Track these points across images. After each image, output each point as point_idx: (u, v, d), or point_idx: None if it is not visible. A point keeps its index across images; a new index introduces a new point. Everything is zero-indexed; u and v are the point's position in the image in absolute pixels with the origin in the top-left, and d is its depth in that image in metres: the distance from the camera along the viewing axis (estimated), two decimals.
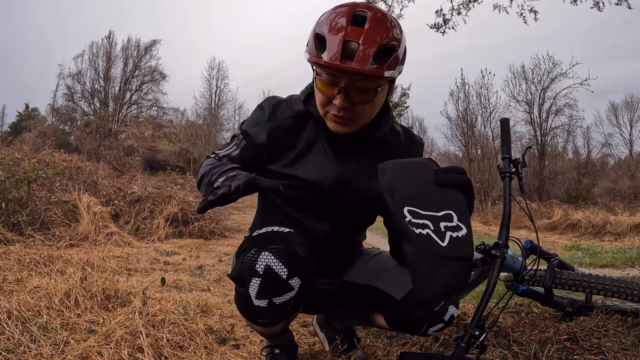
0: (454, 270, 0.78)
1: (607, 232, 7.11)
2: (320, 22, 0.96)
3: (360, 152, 1.09)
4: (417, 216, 0.80)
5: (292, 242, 0.91)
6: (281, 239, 0.92)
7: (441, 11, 5.15)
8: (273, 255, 0.88)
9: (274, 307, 0.91)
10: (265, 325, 1.01)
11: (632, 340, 1.38)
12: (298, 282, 0.90)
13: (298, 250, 0.91)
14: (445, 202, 0.84)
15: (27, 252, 2.81)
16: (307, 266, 0.92)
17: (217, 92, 22.45)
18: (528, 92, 17.47)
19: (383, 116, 1.08)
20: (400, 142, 1.14)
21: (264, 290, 0.89)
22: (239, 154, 1.10)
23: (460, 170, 0.89)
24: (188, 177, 10.32)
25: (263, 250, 0.88)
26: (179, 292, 2.36)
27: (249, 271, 0.89)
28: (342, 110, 0.95)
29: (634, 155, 21.58)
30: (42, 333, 1.38)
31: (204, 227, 5.29)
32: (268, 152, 1.08)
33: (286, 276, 0.88)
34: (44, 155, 5.58)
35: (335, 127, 1.01)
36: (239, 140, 1.11)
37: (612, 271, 3.74)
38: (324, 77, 0.94)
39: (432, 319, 1.02)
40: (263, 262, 0.87)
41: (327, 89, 0.95)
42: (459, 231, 0.79)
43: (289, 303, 0.92)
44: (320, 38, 0.93)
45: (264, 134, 1.07)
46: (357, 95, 0.94)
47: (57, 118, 22.70)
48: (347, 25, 0.90)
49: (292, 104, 1.09)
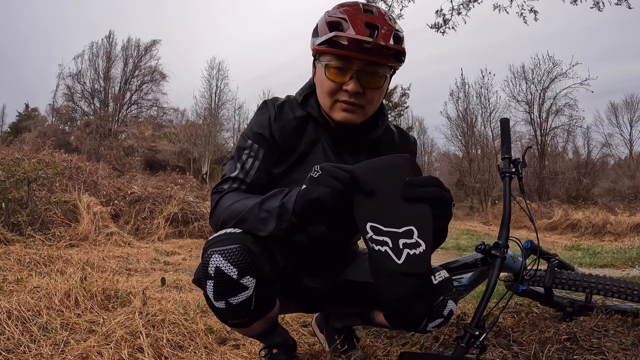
0: (410, 283, 0.80)
1: (607, 232, 7.11)
2: (330, 13, 0.99)
3: (358, 151, 1.09)
4: (378, 233, 0.82)
5: (244, 241, 0.90)
6: (233, 239, 0.90)
7: (441, 11, 5.15)
8: (222, 256, 0.88)
9: (232, 307, 0.91)
10: (237, 327, 1.00)
11: (632, 340, 1.38)
12: (252, 281, 0.90)
13: (250, 249, 0.90)
14: (409, 216, 0.84)
15: (27, 252, 2.81)
16: (260, 264, 0.91)
17: (217, 92, 22.49)
18: (528, 92, 17.53)
19: (379, 115, 1.10)
20: (395, 141, 1.16)
21: (217, 291, 0.90)
22: (261, 165, 1.04)
23: (433, 182, 0.86)
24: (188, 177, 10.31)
25: (214, 252, 0.89)
26: (179, 292, 2.37)
27: (204, 274, 0.90)
28: (353, 95, 0.97)
29: (634, 155, 21.61)
30: (42, 333, 1.38)
31: (204, 227, 5.29)
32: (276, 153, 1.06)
33: (237, 276, 0.88)
34: (44, 155, 5.57)
35: (344, 116, 1.00)
36: (252, 150, 1.04)
37: (612, 271, 3.74)
38: (336, 62, 0.95)
39: (431, 314, 1.01)
40: (214, 264, 0.88)
41: (338, 75, 0.96)
42: (417, 248, 0.81)
43: (248, 302, 0.92)
44: (335, 24, 0.95)
45: (274, 133, 1.04)
46: (368, 80, 0.96)
47: (57, 118, 22.73)
48: (362, 13, 0.96)
49: (292, 106, 1.08)
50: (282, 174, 1.06)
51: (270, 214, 0.88)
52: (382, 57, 0.94)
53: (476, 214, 13.87)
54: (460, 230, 9.20)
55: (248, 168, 1.03)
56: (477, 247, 1.30)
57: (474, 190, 17.92)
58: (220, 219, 0.97)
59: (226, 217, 0.96)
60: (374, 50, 0.92)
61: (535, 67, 17.33)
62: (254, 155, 1.04)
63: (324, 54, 0.98)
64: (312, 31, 1.04)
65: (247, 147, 1.05)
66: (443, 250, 5.58)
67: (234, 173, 1.03)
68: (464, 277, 1.80)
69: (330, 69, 0.96)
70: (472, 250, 1.67)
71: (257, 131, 1.05)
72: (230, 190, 1.02)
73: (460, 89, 18.93)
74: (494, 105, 18.19)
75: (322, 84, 1.00)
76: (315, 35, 1.01)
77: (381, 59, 0.94)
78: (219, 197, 1.01)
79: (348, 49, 0.92)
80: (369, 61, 0.94)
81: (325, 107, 1.02)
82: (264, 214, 0.89)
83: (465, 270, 1.67)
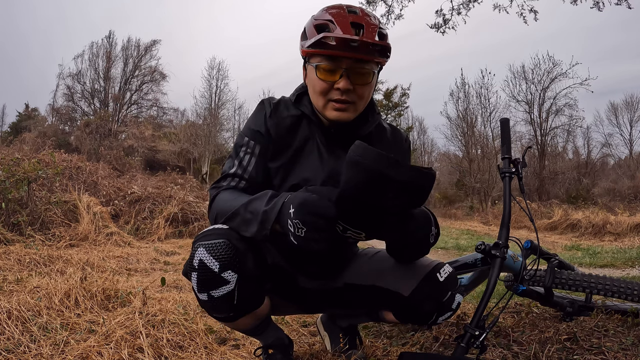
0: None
1: (607, 232, 7.11)
2: (317, 16, 1.04)
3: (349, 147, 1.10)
4: None
5: (229, 237, 0.94)
6: (219, 234, 0.95)
7: (441, 11, 5.14)
8: (206, 250, 0.93)
9: (215, 300, 0.95)
10: (224, 321, 1.06)
11: (632, 340, 1.38)
12: (233, 276, 0.94)
13: (234, 245, 0.94)
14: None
15: (27, 252, 2.82)
16: (243, 260, 0.95)
17: (217, 92, 22.46)
18: (528, 92, 17.49)
19: (369, 111, 1.14)
20: (387, 138, 1.19)
21: (200, 283, 0.94)
22: (257, 161, 1.08)
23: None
24: (188, 177, 10.32)
25: (199, 246, 0.94)
26: (179, 292, 2.37)
27: (189, 266, 0.95)
28: (345, 93, 1.01)
29: (634, 155, 21.60)
30: (42, 333, 1.38)
31: (204, 227, 5.29)
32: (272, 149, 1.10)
33: (218, 269, 0.92)
34: (44, 155, 5.58)
35: (337, 115, 1.04)
36: (249, 147, 1.08)
37: (612, 271, 3.74)
38: (325, 63, 1.00)
39: (441, 308, 1.05)
40: (198, 257, 0.93)
41: (328, 75, 1.01)
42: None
43: (230, 297, 0.95)
44: (322, 26, 1.00)
45: (269, 130, 1.08)
46: (357, 77, 1.01)
47: (57, 118, 22.72)
48: (347, 14, 1.01)
49: (287, 105, 1.13)
50: (277, 169, 1.09)
51: (253, 216, 0.93)
52: (369, 54, 0.99)
53: (476, 214, 13.87)
54: (460, 230, 9.20)
55: (245, 164, 1.08)
56: (477, 247, 1.30)
57: (474, 190, 17.91)
58: (214, 215, 1.03)
59: (219, 213, 1.01)
60: (361, 48, 0.96)
61: (535, 67, 17.30)
62: (251, 151, 1.08)
63: (314, 56, 1.02)
64: (301, 34, 1.08)
65: (244, 144, 1.09)
66: (443, 250, 5.58)
67: (232, 170, 1.08)
68: (464, 277, 1.80)
69: (321, 69, 1.01)
70: (472, 250, 1.67)
71: (253, 128, 1.09)
72: (227, 188, 1.06)
73: (460, 89, 18.92)
74: (494, 105, 18.19)
75: (313, 84, 1.05)
76: (304, 39, 1.05)
77: (368, 55, 0.99)
78: (216, 193, 1.06)
79: (336, 48, 0.97)
80: (356, 59, 0.99)
81: (318, 106, 1.06)
82: (248, 216, 0.94)
83: (465, 270, 1.68)
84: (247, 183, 1.07)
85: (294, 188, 1.06)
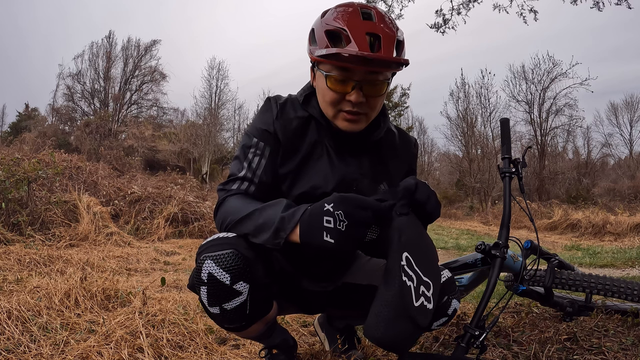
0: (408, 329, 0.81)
1: (607, 232, 7.11)
2: (328, 19, 0.96)
3: (360, 153, 1.08)
4: (410, 266, 0.84)
5: (237, 246, 0.89)
6: (226, 244, 0.90)
7: (441, 11, 5.14)
8: (214, 262, 0.87)
9: (227, 313, 0.91)
10: (234, 331, 1.00)
11: (632, 340, 1.38)
12: (246, 286, 0.89)
13: (243, 254, 0.89)
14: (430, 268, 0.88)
15: (27, 252, 2.81)
16: (253, 269, 0.90)
17: (217, 92, 22.50)
18: (528, 92, 17.50)
19: (381, 117, 1.09)
20: (396, 142, 1.15)
21: (211, 297, 0.89)
22: (267, 163, 1.02)
23: None
24: (188, 177, 10.32)
25: (206, 258, 0.88)
26: (179, 292, 2.36)
27: (197, 280, 0.90)
28: (357, 105, 0.96)
29: (634, 155, 21.62)
30: (42, 333, 1.38)
31: (204, 227, 5.29)
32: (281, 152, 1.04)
33: (229, 282, 0.87)
34: (44, 155, 5.57)
35: (348, 126, 0.99)
36: (259, 149, 1.02)
37: (612, 271, 3.74)
38: (337, 73, 0.93)
39: (436, 313, 1.01)
40: (206, 270, 0.87)
41: (340, 86, 0.94)
42: (429, 304, 0.84)
43: (243, 307, 0.91)
44: (333, 33, 0.93)
45: (277, 131, 1.02)
46: (370, 88, 0.95)
47: (57, 118, 22.72)
48: (362, 20, 0.93)
49: (294, 105, 1.06)
50: (286, 176, 1.04)
51: (267, 223, 0.88)
52: (384, 67, 0.93)
53: (476, 214, 13.87)
54: (460, 230, 9.20)
55: (255, 167, 1.01)
56: (477, 247, 1.30)
57: (474, 190, 17.91)
58: (222, 219, 0.97)
59: (227, 219, 0.95)
60: (376, 62, 0.90)
61: (535, 67, 17.31)
62: (260, 153, 1.02)
63: (324, 63, 0.95)
64: (309, 35, 1.01)
65: (252, 145, 1.02)
66: (443, 250, 5.58)
67: (242, 172, 1.01)
68: (464, 277, 1.80)
69: (332, 80, 0.94)
70: (472, 250, 1.67)
71: (262, 128, 1.03)
72: (237, 192, 1.00)
73: (460, 89, 18.95)
74: (494, 105, 18.21)
75: (323, 93, 0.99)
76: (312, 42, 0.99)
77: (383, 68, 0.93)
78: (225, 196, 1.00)
79: (350, 61, 0.90)
80: (370, 71, 0.93)
81: (328, 115, 1.01)
82: (261, 221, 0.89)
83: (465, 270, 1.67)
84: (257, 187, 1.01)
85: (303, 195, 1.01)
